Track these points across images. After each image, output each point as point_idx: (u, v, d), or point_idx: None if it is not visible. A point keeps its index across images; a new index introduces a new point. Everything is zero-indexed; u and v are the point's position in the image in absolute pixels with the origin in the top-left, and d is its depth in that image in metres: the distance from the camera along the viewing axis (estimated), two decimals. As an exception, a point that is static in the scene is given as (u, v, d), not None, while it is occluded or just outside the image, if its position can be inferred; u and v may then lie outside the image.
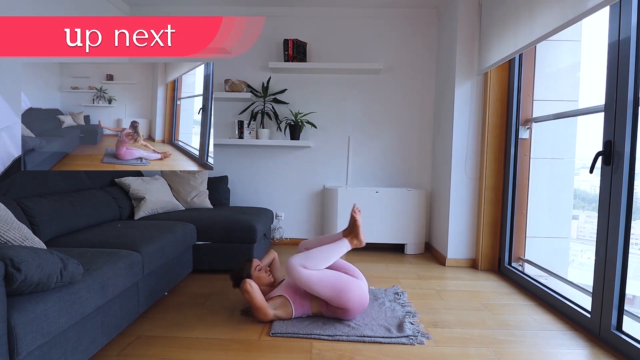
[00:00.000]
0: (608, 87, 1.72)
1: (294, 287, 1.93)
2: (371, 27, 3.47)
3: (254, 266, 2.00)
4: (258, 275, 1.98)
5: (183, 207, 3.03)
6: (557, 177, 2.63)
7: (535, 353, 1.65)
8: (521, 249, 2.68)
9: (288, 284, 1.96)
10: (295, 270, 1.81)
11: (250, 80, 3.50)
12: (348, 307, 1.81)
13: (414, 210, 3.28)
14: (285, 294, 1.89)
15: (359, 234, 2.01)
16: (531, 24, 2.07)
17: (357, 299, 1.82)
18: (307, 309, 1.90)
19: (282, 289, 1.94)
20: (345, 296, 1.80)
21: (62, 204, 2.14)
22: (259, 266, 2.02)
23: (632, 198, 1.63)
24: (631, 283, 1.68)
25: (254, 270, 1.98)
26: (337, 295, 1.80)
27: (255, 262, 2.03)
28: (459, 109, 2.88)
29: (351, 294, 1.81)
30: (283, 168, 3.59)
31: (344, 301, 1.80)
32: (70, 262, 1.26)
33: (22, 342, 1.08)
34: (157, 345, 1.66)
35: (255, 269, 1.99)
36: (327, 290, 1.81)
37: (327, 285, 1.81)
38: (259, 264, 2.04)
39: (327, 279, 1.82)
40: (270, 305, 1.85)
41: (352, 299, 1.80)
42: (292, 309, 1.87)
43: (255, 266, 2.00)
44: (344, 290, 1.80)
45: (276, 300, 1.88)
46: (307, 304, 1.90)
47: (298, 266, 1.82)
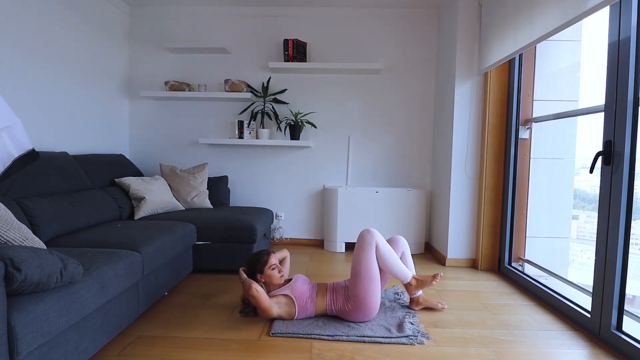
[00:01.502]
0: (608, 87, 1.72)
1: (302, 289, 1.92)
2: (371, 27, 3.47)
3: (271, 263, 1.95)
4: (270, 274, 1.93)
5: (183, 207, 3.04)
6: (557, 177, 2.63)
7: (535, 353, 1.65)
8: (521, 249, 2.68)
9: (297, 286, 1.94)
10: (370, 234, 1.89)
11: (250, 80, 3.50)
12: (365, 302, 1.82)
13: (414, 210, 3.28)
14: (291, 294, 1.88)
15: (423, 286, 2.00)
16: (531, 24, 2.07)
17: (374, 302, 1.84)
18: (311, 311, 1.90)
19: (288, 289, 1.92)
20: (370, 291, 1.83)
21: (62, 204, 2.14)
22: (274, 265, 1.96)
23: (632, 198, 1.63)
24: (631, 283, 1.68)
25: (268, 268, 1.94)
26: (365, 286, 1.83)
27: (273, 259, 1.97)
28: (459, 109, 2.88)
29: (375, 294, 1.85)
30: (283, 168, 3.59)
31: (365, 295, 1.82)
32: (70, 262, 1.26)
33: (22, 342, 1.08)
34: (157, 345, 1.66)
35: (270, 267, 1.94)
36: (364, 272, 1.84)
37: (368, 268, 1.85)
38: (276, 264, 1.97)
39: (374, 266, 1.86)
40: (274, 301, 1.84)
41: (371, 297, 1.83)
42: (295, 310, 1.86)
43: (271, 264, 1.95)
44: (373, 287, 1.84)
45: (280, 299, 1.87)
46: (311, 307, 1.89)
47: (375, 235, 1.90)
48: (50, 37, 2.61)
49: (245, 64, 3.53)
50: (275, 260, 1.97)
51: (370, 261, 1.86)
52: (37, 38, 2.50)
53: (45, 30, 2.56)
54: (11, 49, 2.31)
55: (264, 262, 1.94)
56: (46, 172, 2.20)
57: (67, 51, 2.77)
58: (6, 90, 2.26)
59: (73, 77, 2.85)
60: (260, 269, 1.93)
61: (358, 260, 1.87)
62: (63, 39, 2.73)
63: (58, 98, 2.71)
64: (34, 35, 2.48)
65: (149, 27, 3.53)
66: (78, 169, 2.50)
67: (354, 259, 1.90)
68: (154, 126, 3.60)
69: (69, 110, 2.82)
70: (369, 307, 1.84)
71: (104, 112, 3.24)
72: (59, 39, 2.69)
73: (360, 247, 1.89)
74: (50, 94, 2.64)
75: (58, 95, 2.71)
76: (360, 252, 1.89)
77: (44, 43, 2.56)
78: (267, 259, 1.95)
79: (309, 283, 2.00)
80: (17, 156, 1.48)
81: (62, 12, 2.72)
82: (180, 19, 3.51)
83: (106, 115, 3.27)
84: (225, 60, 3.53)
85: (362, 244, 1.90)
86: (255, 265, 1.95)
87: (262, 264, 1.94)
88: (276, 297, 1.87)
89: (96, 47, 3.10)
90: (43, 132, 2.58)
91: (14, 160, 1.47)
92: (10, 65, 2.31)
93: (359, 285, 1.84)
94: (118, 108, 3.45)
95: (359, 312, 1.84)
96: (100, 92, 3.18)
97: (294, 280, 2.00)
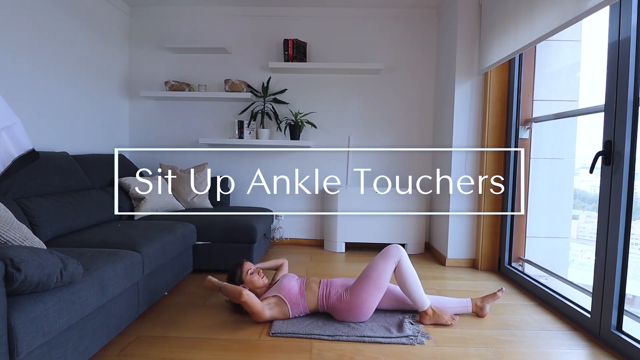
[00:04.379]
0: (608, 87, 1.72)
1: (289, 286, 1.92)
2: (371, 27, 3.47)
3: (245, 270, 1.98)
4: (250, 279, 1.96)
5: (183, 207, 3.03)
6: (557, 177, 2.63)
7: (535, 353, 1.65)
8: (521, 249, 2.68)
9: (283, 284, 1.94)
10: (397, 249, 1.90)
11: (250, 80, 3.50)
12: (362, 305, 1.82)
13: (414, 210, 3.28)
14: (279, 294, 1.89)
15: (439, 321, 1.90)
16: (531, 24, 2.07)
17: (369, 309, 1.84)
18: (304, 307, 1.89)
19: (276, 289, 1.93)
20: (371, 297, 1.82)
21: (62, 204, 2.14)
22: (250, 270, 1.99)
23: (632, 198, 1.63)
24: (631, 283, 1.68)
25: (245, 275, 1.97)
26: (370, 290, 1.83)
27: (247, 265, 2.00)
28: (459, 109, 2.88)
29: (373, 301, 1.84)
30: (283, 168, 3.59)
31: (366, 298, 1.82)
32: (70, 262, 1.26)
33: (22, 342, 1.08)
34: (157, 345, 1.66)
35: (247, 272, 1.97)
36: (375, 278, 1.84)
37: (379, 276, 1.85)
38: (251, 268, 2.00)
39: (385, 277, 1.86)
40: (265, 304, 1.84)
41: (369, 302, 1.83)
42: (288, 309, 1.86)
43: (246, 270, 1.98)
44: (376, 295, 1.84)
45: (271, 300, 1.88)
46: (303, 303, 1.89)
47: (402, 253, 1.90)
48: (50, 37, 2.61)
49: (245, 64, 3.52)
50: (249, 266, 2.01)
51: (385, 271, 1.86)
52: (36, 38, 2.49)
53: (45, 30, 2.56)
54: (11, 49, 2.30)
55: (240, 271, 1.98)
56: (46, 172, 2.20)
57: (67, 51, 2.77)
58: (6, 90, 2.25)
59: (73, 77, 2.85)
60: (240, 279, 1.96)
61: (375, 265, 1.88)
62: (63, 39, 2.73)
63: (58, 98, 2.70)
64: (34, 35, 2.47)
65: (149, 27, 3.53)
66: (78, 169, 2.50)
67: (371, 264, 1.91)
68: (154, 126, 3.60)
69: (69, 110, 2.82)
70: (363, 311, 1.83)
71: (104, 112, 3.24)
72: (58, 39, 2.69)
73: (383, 256, 1.90)
74: (50, 93, 2.63)
75: (58, 95, 2.70)
76: (380, 259, 1.89)
77: (44, 43, 2.56)
78: (241, 267, 2.00)
79: (296, 279, 2.00)
80: (17, 156, 1.48)
81: (62, 12, 2.72)
82: (180, 19, 3.51)
83: (106, 115, 3.27)
84: (225, 60, 3.53)
85: (385, 254, 1.90)
86: (234, 277, 1.98)
87: (240, 274, 1.97)
88: (266, 300, 1.88)
89: (96, 47, 3.09)
90: (43, 132, 2.58)
91: (14, 160, 1.47)
92: (10, 65, 2.31)
93: (365, 287, 1.83)
94: (118, 108, 3.45)
95: (350, 312, 1.84)
96: (100, 92, 3.18)
97: (279, 281, 2.00)
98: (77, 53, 2.87)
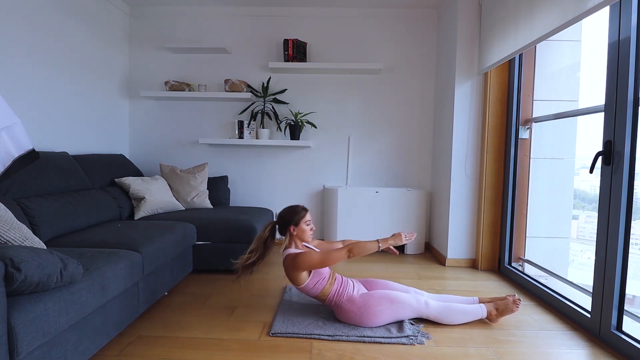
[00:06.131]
0: (608, 87, 1.72)
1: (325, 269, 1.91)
2: (371, 27, 3.47)
3: (306, 219, 1.95)
4: (304, 229, 1.93)
5: (183, 207, 3.03)
6: (557, 177, 2.63)
7: (535, 353, 1.65)
8: (521, 249, 2.68)
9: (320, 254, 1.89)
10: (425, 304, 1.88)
11: (250, 80, 3.50)
12: (370, 312, 1.81)
13: (414, 210, 3.28)
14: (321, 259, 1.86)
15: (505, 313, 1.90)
16: (531, 24, 2.07)
17: (375, 318, 1.82)
18: (317, 289, 1.87)
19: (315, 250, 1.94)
20: (381, 307, 1.83)
21: (62, 204, 2.14)
22: (309, 221, 1.96)
23: (632, 198, 1.63)
24: (631, 283, 1.68)
25: (302, 223, 1.94)
26: (384, 302, 1.84)
27: (309, 216, 1.98)
28: (459, 109, 2.88)
29: (383, 314, 1.83)
30: (283, 168, 3.59)
31: (378, 304, 1.83)
32: (70, 262, 1.26)
33: (22, 342, 1.08)
34: (157, 345, 1.66)
35: (305, 222, 1.94)
36: (394, 293, 1.88)
37: (398, 296, 1.87)
38: (310, 220, 1.98)
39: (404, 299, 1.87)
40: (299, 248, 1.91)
41: (380, 313, 1.82)
42: (308, 276, 1.85)
43: (307, 220, 1.95)
44: (389, 307, 1.83)
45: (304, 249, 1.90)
46: (321, 285, 1.86)
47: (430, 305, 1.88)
48: (50, 36, 2.61)
49: (245, 64, 3.53)
50: (310, 217, 1.98)
51: (410, 310, 1.86)
52: (36, 38, 2.50)
53: (44, 30, 2.56)
54: (11, 49, 2.30)
55: (301, 215, 1.95)
56: (46, 172, 2.20)
57: (66, 51, 2.77)
58: (6, 91, 2.26)
59: (73, 77, 2.85)
60: (297, 222, 1.93)
61: (398, 286, 1.99)
62: (63, 39, 2.73)
63: (58, 98, 2.70)
64: (34, 35, 2.47)
65: (149, 27, 3.53)
66: (78, 169, 2.50)
67: (396, 283, 2.02)
68: (154, 126, 3.60)
69: (69, 110, 2.82)
70: (370, 317, 1.81)
71: (104, 112, 3.24)
72: (58, 38, 2.69)
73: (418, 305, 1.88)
74: (50, 93, 2.63)
75: (58, 95, 2.70)
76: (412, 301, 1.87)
77: (44, 43, 2.56)
78: (304, 214, 1.96)
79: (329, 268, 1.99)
80: (17, 156, 1.48)
81: (62, 13, 2.72)
82: (180, 19, 3.51)
83: (106, 115, 3.27)
84: (225, 60, 3.53)
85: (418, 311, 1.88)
86: (292, 216, 1.94)
87: (300, 217, 1.94)
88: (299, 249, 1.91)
89: (96, 47, 3.10)
90: (43, 132, 2.58)
91: (14, 160, 1.47)
92: (10, 65, 2.31)
93: (385, 311, 1.82)
94: (118, 108, 3.45)
95: (356, 319, 1.82)
96: (100, 92, 3.18)
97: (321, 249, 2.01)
98: (77, 53, 2.87)
